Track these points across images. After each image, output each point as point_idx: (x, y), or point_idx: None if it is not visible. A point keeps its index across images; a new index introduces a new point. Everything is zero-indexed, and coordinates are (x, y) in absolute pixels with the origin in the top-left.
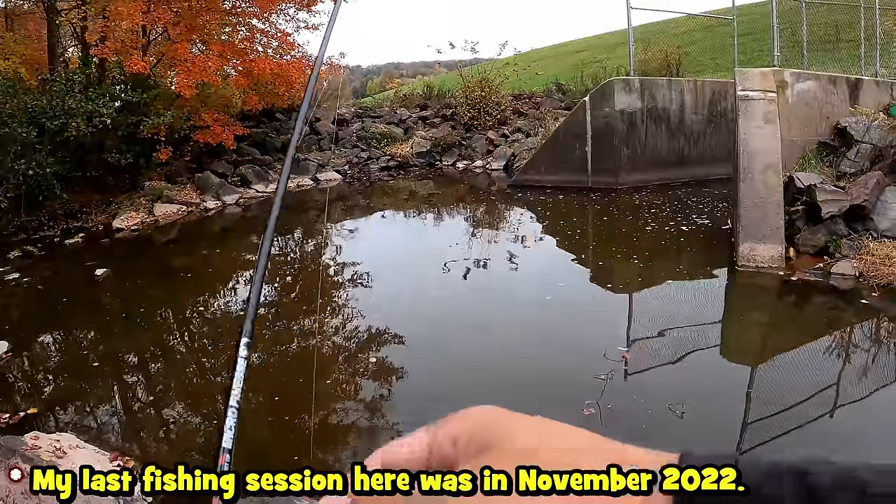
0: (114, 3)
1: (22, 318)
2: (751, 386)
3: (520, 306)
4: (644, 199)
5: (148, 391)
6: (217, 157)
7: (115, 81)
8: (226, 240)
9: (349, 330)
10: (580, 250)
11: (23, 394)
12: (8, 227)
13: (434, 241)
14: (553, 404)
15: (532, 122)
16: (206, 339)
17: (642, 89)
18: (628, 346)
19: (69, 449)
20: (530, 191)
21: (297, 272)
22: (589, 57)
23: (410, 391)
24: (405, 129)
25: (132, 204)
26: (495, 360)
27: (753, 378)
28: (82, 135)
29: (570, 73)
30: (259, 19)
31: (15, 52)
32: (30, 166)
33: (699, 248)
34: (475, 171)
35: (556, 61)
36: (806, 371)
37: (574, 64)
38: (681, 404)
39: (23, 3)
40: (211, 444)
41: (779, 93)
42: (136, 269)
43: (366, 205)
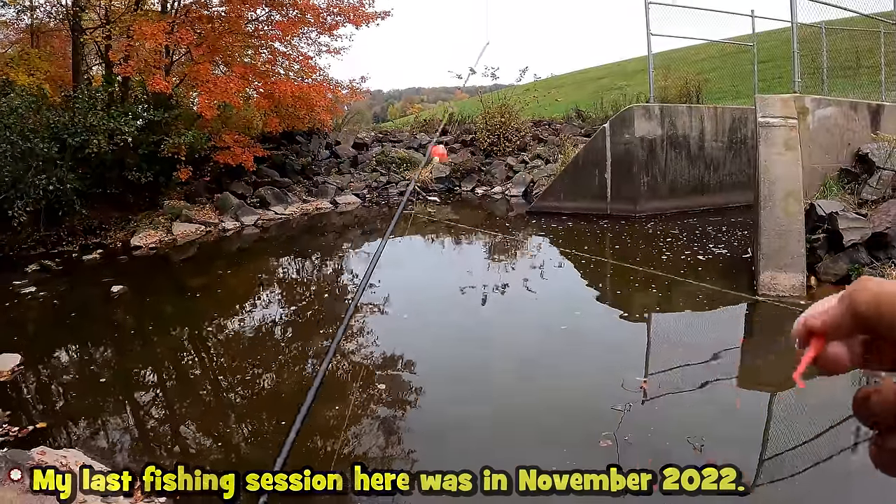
0: (138, 23)
1: (36, 332)
2: (769, 417)
3: (537, 334)
4: (663, 226)
5: (159, 410)
6: (237, 178)
7: (137, 100)
8: (243, 260)
9: (364, 353)
10: (598, 278)
11: (32, 408)
12: (27, 240)
13: (452, 267)
14: (569, 435)
15: (551, 149)
16: (220, 360)
17: (662, 116)
18: (646, 376)
19: (75, 466)
20: (549, 217)
21: (314, 294)
22: (609, 84)
23: (425, 417)
24: (425, 154)
25: (151, 222)
26: (512, 389)
27: (772, 409)
28: (103, 152)
29: (590, 99)
30: (281, 42)
31: (40, 69)
32: (50, 181)
33: (719, 276)
34: (494, 197)
35: (576, 88)
36: (826, 403)
37: (594, 91)
38: (699, 437)
39: (49, 20)
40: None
41: (800, 119)
42: (152, 286)
43: (384, 229)
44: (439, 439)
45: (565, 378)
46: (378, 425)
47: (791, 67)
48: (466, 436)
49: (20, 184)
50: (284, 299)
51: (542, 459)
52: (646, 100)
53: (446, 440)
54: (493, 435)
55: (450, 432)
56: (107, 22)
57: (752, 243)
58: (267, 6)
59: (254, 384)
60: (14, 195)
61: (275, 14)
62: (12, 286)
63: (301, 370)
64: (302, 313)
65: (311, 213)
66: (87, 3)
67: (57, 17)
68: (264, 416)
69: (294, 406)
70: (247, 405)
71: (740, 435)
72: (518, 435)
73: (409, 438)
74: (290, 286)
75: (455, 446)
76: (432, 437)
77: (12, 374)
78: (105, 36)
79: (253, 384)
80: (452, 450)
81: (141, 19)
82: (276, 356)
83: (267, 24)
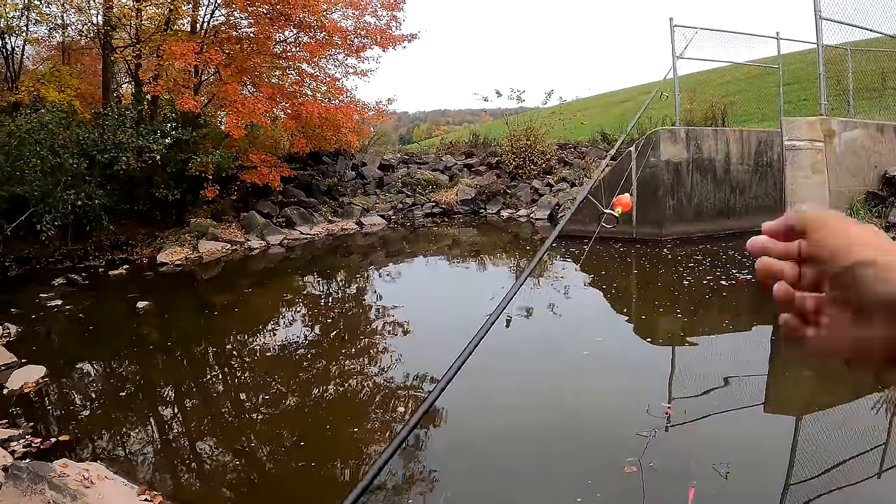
0: (168, 43)
1: (61, 345)
2: (795, 443)
3: (560, 358)
4: (689, 250)
5: (181, 426)
6: (263, 197)
7: (165, 119)
8: (268, 280)
9: (386, 375)
10: (623, 303)
11: (55, 420)
12: (54, 254)
13: (476, 289)
14: (593, 460)
15: (577, 172)
16: (242, 377)
17: (688, 139)
18: (671, 402)
19: (97, 479)
20: (574, 241)
21: (338, 315)
22: (634, 107)
23: (445, 441)
24: (450, 175)
25: (177, 239)
26: (536, 414)
27: (798, 435)
28: (132, 169)
29: (616, 122)
30: (309, 64)
31: (70, 86)
32: (79, 197)
33: (745, 301)
34: (519, 220)
35: (601, 111)
36: (853, 429)
37: (619, 114)
38: (725, 463)
39: (80, 39)
40: (240, 483)
41: (826, 142)
42: (177, 303)
43: (409, 250)
44: (460, 464)
45: (588, 403)
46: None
47: (817, 90)
48: (488, 460)
49: (49, 198)
50: (308, 319)
51: (566, 485)
52: (671, 123)
53: (467, 465)
54: (516, 460)
55: (471, 457)
56: (137, 41)
57: None
58: (295, 28)
59: (276, 402)
60: (43, 209)
61: (303, 36)
62: (39, 298)
63: (323, 390)
64: (325, 333)
65: (337, 234)
66: (117, 23)
67: (88, 36)
68: (285, 434)
69: (314, 425)
70: (268, 423)
71: (766, 461)
72: (541, 460)
73: (429, 460)
74: (314, 306)
75: (477, 471)
76: (453, 461)
77: (36, 385)
78: (135, 55)
79: (275, 402)
80: (474, 474)
81: (171, 39)
82: (298, 375)
83: (295, 46)
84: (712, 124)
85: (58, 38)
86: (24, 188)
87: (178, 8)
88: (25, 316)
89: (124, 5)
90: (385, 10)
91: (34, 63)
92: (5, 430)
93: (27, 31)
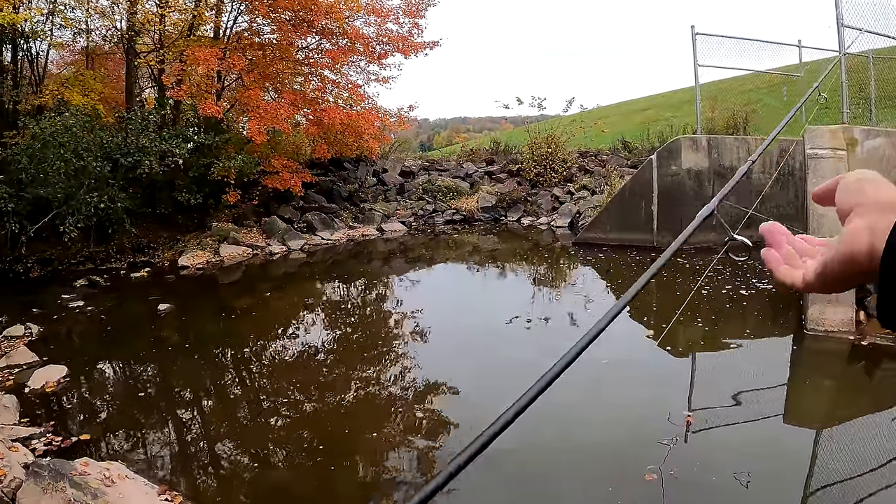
0: (191, 49)
1: (82, 346)
2: (815, 454)
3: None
4: (709, 259)
5: (200, 427)
6: (284, 202)
7: (188, 123)
8: (288, 284)
9: (405, 381)
10: (643, 311)
11: (76, 419)
12: (76, 256)
13: (496, 296)
14: (614, 468)
15: (598, 180)
16: (261, 380)
17: (709, 147)
18: (691, 410)
19: (118, 478)
20: (594, 249)
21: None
22: (655, 115)
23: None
24: (471, 183)
25: (199, 243)
26: (556, 421)
27: (818, 445)
28: (154, 173)
29: (636, 130)
30: (331, 70)
31: (94, 90)
32: (102, 199)
33: (766, 310)
34: (540, 228)
35: (622, 119)
36: (873, 440)
37: (640, 122)
38: (746, 472)
39: (104, 43)
40: (259, 485)
41: (848, 151)
42: (198, 306)
43: (430, 257)
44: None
45: (609, 411)
46: (416, 453)
47: (839, 98)
48: (509, 467)
49: (72, 200)
50: (328, 324)
51: (587, 493)
52: (693, 131)
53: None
54: (537, 468)
55: (492, 464)
56: (160, 46)
57: None
58: (317, 34)
59: (294, 406)
60: (66, 211)
61: (325, 42)
62: (61, 299)
63: (342, 394)
64: (345, 338)
65: (357, 240)
66: (141, 28)
67: (112, 41)
68: (303, 437)
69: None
70: (286, 426)
71: (786, 470)
72: (562, 468)
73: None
74: (333, 311)
75: (498, 479)
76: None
77: (57, 385)
78: (158, 60)
79: (293, 406)
80: (495, 482)
81: (194, 45)
82: (317, 380)
83: (317, 52)
84: (734, 132)
85: (82, 43)
86: (48, 190)
87: (202, 14)
88: (47, 316)
89: (148, 11)
90: (407, 17)
91: (58, 67)
92: (27, 429)
93: (52, 36)
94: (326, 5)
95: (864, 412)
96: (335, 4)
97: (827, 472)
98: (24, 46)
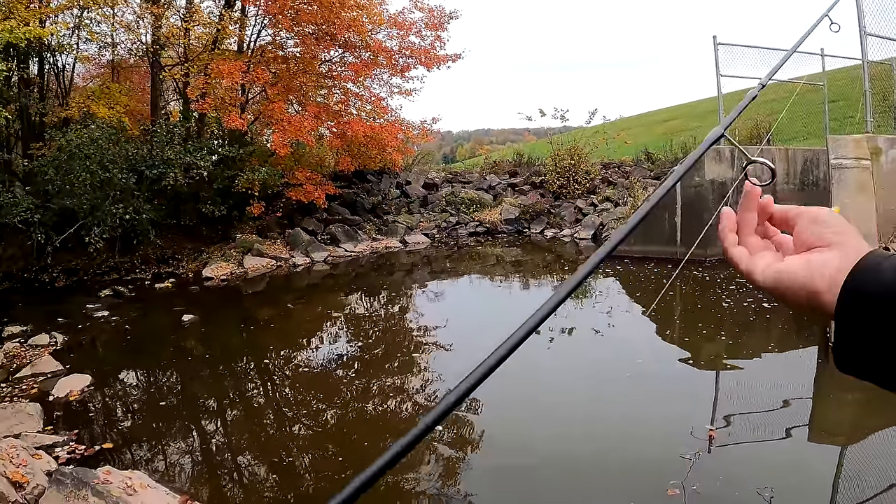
0: (215, 62)
1: (106, 355)
2: (840, 469)
3: (602, 380)
4: (733, 271)
5: (223, 437)
6: (308, 214)
7: (213, 136)
8: (312, 296)
9: (426, 393)
10: (666, 324)
11: (100, 428)
12: (101, 266)
13: (520, 309)
14: (636, 482)
15: (621, 192)
16: (284, 391)
17: (733, 158)
18: (713, 425)
19: (140, 487)
20: (618, 261)
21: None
22: (678, 126)
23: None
24: (494, 195)
25: (223, 254)
26: (578, 435)
27: (843, 460)
28: (179, 185)
29: (659, 141)
30: (354, 83)
31: (119, 102)
32: (127, 211)
33: (790, 323)
34: (563, 240)
35: (645, 130)
36: None
37: (663, 132)
38: (769, 488)
39: (129, 57)
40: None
41: (873, 160)
42: (222, 317)
43: (453, 269)
44: (504, 485)
45: (631, 425)
46: (440, 467)
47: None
48: (532, 483)
49: (98, 211)
50: (350, 336)
51: None
52: None
53: (511, 486)
54: (560, 482)
55: (515, 478)
56: (185, 60)
57: None
58: (340, 48)
59: (315, 417)
60: (91, 222)
61: (348, 55)
62: (85, 309)
63: (363, 406)
64: (367, 350)
65: (381, 252)
66: (166, 42)
67: (137, 54)
68: (325, 448)
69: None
70: (308, 437)
71: (810, 486)
72: (584, 482)
73: (471, 481)
74: (357, 323)
75: (521, 493)
76: (497, 482)
77: (81, 394)
78: (183, 73)
79: (314, 416)
80: (518, 496)
81: (218, 58)
82: (339, 391)
83: (340, 66)
84: (757, 143)
85: (107, 56)
86: (74, 201)
87: (226, 28)
88: (72, 326)
89: (173, 25)
90: (429, 30)
91: (84, 80)
92: (50, 437)
93: (78, 49)
94: (349, 19)
95: (889, 425)
96: (358, 18)
97: (852, 488)
98: (50, 60)
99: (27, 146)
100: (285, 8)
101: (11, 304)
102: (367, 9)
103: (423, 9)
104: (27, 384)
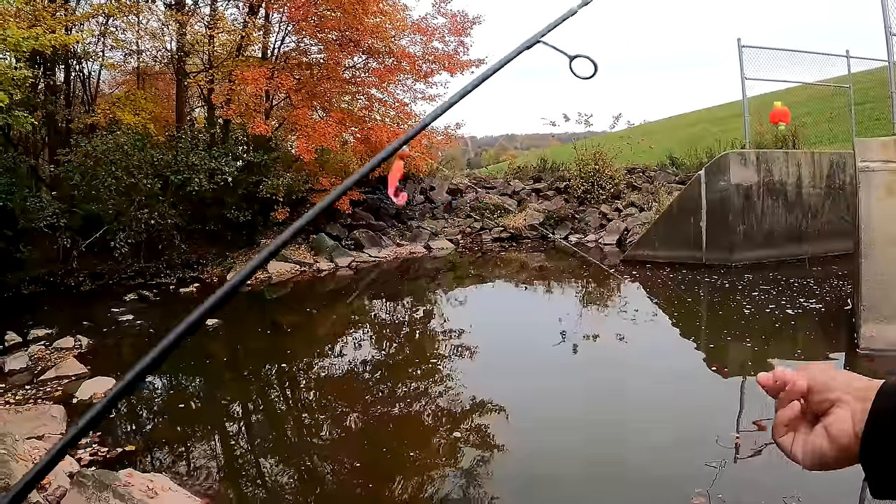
0: (240, 69)
1: (130, 359)
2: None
3: (627, 386)
4: (759, 276)
5: (245, 441)
6: (332, 220)
7: (237, 142)
8: (336, 301)
9: (449, 398)
10: (691, 330)
11: (122, 430)
12: (127, 270)
13: (544, 315)
14: (660, 490)
15: (646, 197)
16: (308, 396)
17: (758, 162)
18: (739, 432)
19: (161, 491)
20: (643, 267)
21: (405, 338)
22: (702, 130)
23: (511, 469)
24: (518, 200)
25: (247, 259)
26: (601, 441)
27: None
28: (204, 190)
29: (684, 146)
30: (378, 89)
31: (145, 109)
32: (152, 216)
33: (817, 329)
34: (588, 245)
35: (669, 134)
36: None
37: (687, 137)
38: (796, 496)
39: (154, 64)
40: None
41: None
42: (246, 322)
43: (477, 275)
44: (526, 492)
45: (655, 432)
46: (461, 473)
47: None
48: (553, 489)
49: (123, 217)
50: (374, 341)
51: None
52: (741, 146)
53: (532, 493)
54: (581, 488)
55: (538, 485)
56: (210, 67)
57: (853, 294)
58: (364, 54)
59: (338, 422)
60: (117, 227)
61: (372, 62)
62: (110, 313)
63: (386, 412)
64: (390, 356)
65: (405, 257)
66: (190, 49)
67: (162, 62)
68: (347, 453)
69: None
70: (330, 443)
71: (838, 493)
72: (609, 490)
73: (494, 488)
74: (381, 328)
75: (542, 499)
76: (519, 489)
77: (105, 397)
78: (208, 80)
79: (337, 422)
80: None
81: (242, 65)
82: (362, 396)
83: (364, 72)
84: (783, 146)
85: (133, 64)
86: (99, 206)
87: (250, 35)
88: (97, 329)
89: (197, 32)
90: (453, 35)
91: (110, 87)
92: None
93: (103, 57)
94: (372, 25)
95: None
96: (381, 24)
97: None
98: (76, 67)
99: (53, 152)
100: (309, 14)
101: (37, 308)
102: (391, 15)
103: (445, 14)
104: (51, 386)
